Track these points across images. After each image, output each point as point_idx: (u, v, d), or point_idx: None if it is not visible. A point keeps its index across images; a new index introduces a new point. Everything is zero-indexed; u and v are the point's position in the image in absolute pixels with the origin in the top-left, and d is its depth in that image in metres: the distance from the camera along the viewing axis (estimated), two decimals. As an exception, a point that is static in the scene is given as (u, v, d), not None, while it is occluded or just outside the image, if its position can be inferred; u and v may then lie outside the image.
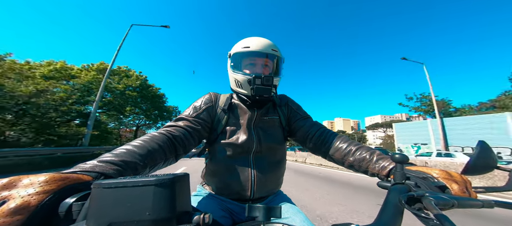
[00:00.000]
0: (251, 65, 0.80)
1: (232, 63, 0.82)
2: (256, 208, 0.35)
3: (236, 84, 0.81)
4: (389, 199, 0.38)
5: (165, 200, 0.26)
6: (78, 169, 0.40)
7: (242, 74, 0.77)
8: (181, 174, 0.30)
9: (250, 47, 0.78)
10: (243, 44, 0.80)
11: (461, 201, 0.33)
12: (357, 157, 0.69)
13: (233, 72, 0.81)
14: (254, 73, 0.75)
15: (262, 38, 0.80)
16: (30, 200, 0.28)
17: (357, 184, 5.52)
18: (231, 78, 0.83)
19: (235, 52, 0.81)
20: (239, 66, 0.81)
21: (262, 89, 0.72)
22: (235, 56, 0.82)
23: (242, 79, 0.78)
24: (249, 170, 0.76)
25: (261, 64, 0.80)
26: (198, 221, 0.27)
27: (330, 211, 3.16)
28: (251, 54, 0.79)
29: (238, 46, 0.82)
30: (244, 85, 0.78)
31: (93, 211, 0.25)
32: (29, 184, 0.29)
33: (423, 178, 0.47)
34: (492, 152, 0.47)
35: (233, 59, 0.82)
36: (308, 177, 7.01)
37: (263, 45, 0.79)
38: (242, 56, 0.81)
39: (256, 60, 0.80)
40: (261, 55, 0.80)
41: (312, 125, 0.86)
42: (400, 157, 0.44)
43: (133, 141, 0.56)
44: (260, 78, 0.72)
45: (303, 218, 0.69)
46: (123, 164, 0.46)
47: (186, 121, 0.73)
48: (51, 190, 0.30)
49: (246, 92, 0.78)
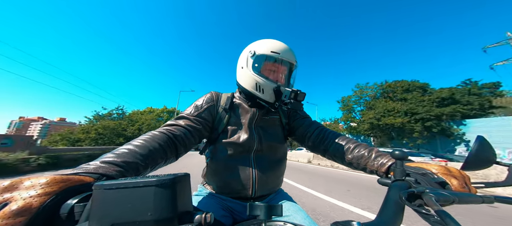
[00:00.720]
0: (273, 71, 0.79)
1: (255, 65, 0.79)
2: (257, 207, 0.35)
3: (256, 88, 0.77)
4: (389, 196, 0.38)
5: (166, 200, 0.26)
6: (81, 170, 0.40)
7: (266, 80, 0.75)
8: (182, 174, 0.30)
9: (280, 54, 0.76)
10: (272, 47, 0.77)
11: (461, 197, 0.33)
12: (356, 154, 0.70)
13: (254, 74, 0.77)
14: (276, 82, 0.75)
15: (287, 46, 0.80)
16: (32, 202, 0.28)
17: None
18: (249, 78, 0.78)
19: (261, 53, 0.77)
20: (260, 68, 0.79)
21: (297, 105, 0.72)
22: (260, 58, 0.78)
23: (266, 85, 0.75)
24: (250, 168, 0.76)
25: (282, 72, 0.80)
26: (200, 221, 0.27)
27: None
28: (279, 61, 0.78)
29: (264, 47, 0.78)
30: (266, 91, 0.76)
31: (95, 212, 0.25)
32: (31, 186, 0.29)
33: (422, 174, 0.47)
34: (491, 147, 0.47)
35: (257, 60, 0.79)
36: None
37: (291, 55, 0.79)
38: (268, 60, 0.78)
39: (279, 68, 0.79)
40: (286, 64, 0.80)
41: (311, 123, 0.86)
42: (400, 154, 0.45)
43: (133, 141, 0.55)
44: (296, 94, 0.71)
45: (304, 215, 0.70)
46: (125, 164, 0.46)
47: (187, 119, 0.72)
48: (52, 191, 0.30)
49: (266, 98, 0.77)
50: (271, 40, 0.81)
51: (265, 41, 0.81)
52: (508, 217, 2.97)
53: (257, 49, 0.79)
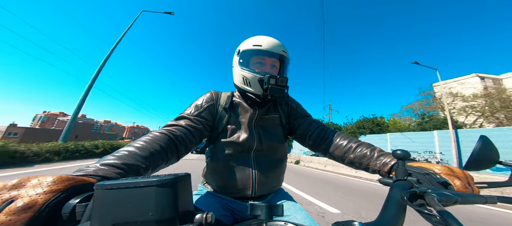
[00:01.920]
0: (260, 64, 0.79)
1: (241, 60, 0.81)
2: (258, 207, 0.35)
3: (244, 82, 0.79)
4: (391, 196, 0.38)
5: (167, 200, 0.26)
6: (82, 173, 0.40)
7: (251, 73, 0.76)
8: (183, 174, 0.30)
9: (262, 45, 0.77)
10: (254, 42, 0.79)
11: (464, 197, 0.33)
12: (358, 154, 0.69)
13: (241, 69, 0.79)
14: (264, 73, 0.75)
15: (272, 38, 0.80)
16: (37, 199, 0.28)
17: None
18: (238, 75, 0.81)
19: (245, 49, 0.80)
20: (248, 64, 0.80)
21: (276, 89, 0.72)
22: (245, 53, 0.81)
23: (251, 77, 0.76)
24: (249, 168, 0.76)
25: (270, 64, 0.80)
26: (201, 221, 0.27)
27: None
28: (262, 53, 0.78)
29: (248, 43, 0.81)
30: (253, 83, 0.77)
31: (97, 212, 0.25)
32: (38, 183, 0.30)
33: (425, 174, 0.47)
34: (494, 147, 0.46)
35: (242, 56, 0.81)
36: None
37: (274, 45, 0.78)
38: (252, 54, 0.80)
39: (265, 59, 0.79)
40: (272, 55, 0.79)
41: (312, 122, 0.86)
42: (402, 153, 0.44)
43: (134, 142, 0.55)
44: (275, 79, 0.71)
45: (305, 215, 0.70)
46: (125, 166, 0.46)
47: (187, 119, 0.72)
48: (57, 189, 0.30)
49: (254, 91, 0.78)
50: (255, 36, 0.82)
51: (250, 38, 0.83)
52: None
53: (241, 46, 0.83)
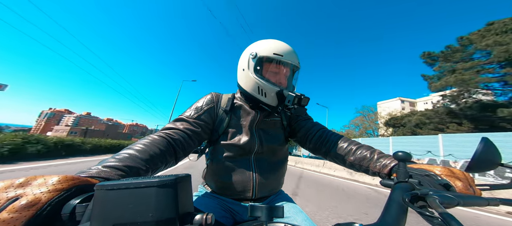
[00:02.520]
0: (275, 73, 0.77)
1: (257, 67, 0.77)
2: (258, 208, 0.34)
3: (259, 91, 0.76)
4: (392, 198, 0.38)
5: (167, 201, 0.26)
6: (84, 175, 0.40)
7: (269, 84, 0.74)
8: (183, 174, 0.30)
9: (283, 56, 0.74)
10: (275, 49, 0.75)
11: (466, 199, 0.33)
12: (358, 156, 0.69)
13: (256, 77, 0.75)
14: (280, 87, 0.74)
15: (289, 47, 0.78)
16: (40, 197, 0.29)
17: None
18: (251, 81, 0.76)
19: (264, 55, 0.75)
20: (263, 71, 0.77)
21: (300, 110, 0.71)
22: (263, 60, 0.76)
23: (269, 89, 0.74)
24: (250, 171, 0.75)
25: (284, 74, 0.78)
26: (201, 222, 0.27)
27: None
28: (281, 63, 0.76)
29: (267, 49, 0.76)
30: (269, 94, 0.74)
31: (97, 212, 0.25)
32: (43, 183, 0.30)
33: (426, 175, 0.47)
34: (495, 149, 0.46)
35: (259, 63, 0.76)
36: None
37: (295, 57, 0.77)
38: (269, 62, 0.76)
39: (281, 69, 0.77)
40: (289, 66, 0.78)
41: (313, 125, 0.86)
42: (403, 155, 0.44)
43: (133, 145, 0.56)
44: (300, 99, 0.70)
45: (305, 217, 0.69)
46: (127, 169, 0.47)
47: (186, 122, 0.72)
48: (61, 188, 0.31)
49: (268, 102, 0.75)
50: (273, 41, 0.78)
51: (267, 41, 0.78)
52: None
53: (259, 50, 0.76)
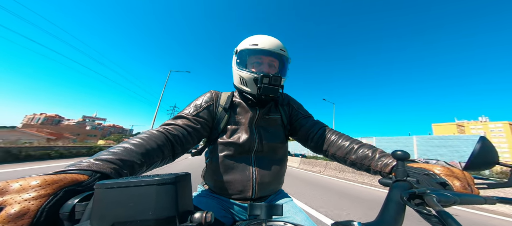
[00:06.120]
0: (258, 63, 0.79)
1: (238, 60, 0.81)
2: (257, 206, 0.35)
3: (241, 82, 0.79)
4: (391, 196, 0.38)
5: (167, 200, 0.26)
6: (75, 168, 0.39)
7: (248, 72, 0.76)
8: (183, 173, 0.30)
9: (258, 45, 0.77)
10: (251, 41, 0.79)
11: (463, 198, 0.33)
12: (359, 154, 0.69)
13: (238, 69, 0.79)
14: (261, 72, 0.74)
15: (270, 37, 0.79)
16: (29, 206, 0.27)
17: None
18: (236, 75, 0.81)
19: (242, 49, 0.80)
20: (245, 64, 0.79)
21: (270, 88, 0.71)
22: (242, 53, 0.80)
23: (247, 77, 0.76)
24: (250, 169, 0.75)
25: (267, 63, 0.79)
26: (200, 220, 0.28)
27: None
28: (259, 52, 0.78)
29: (245, 43, 0.80)
30: (249, 83, 0.77)
31: (97, 211, 0.26)
32: (21, 189, 0.29)
33: (424, 174, 0.47)
34: (493, 148, 0.46)
35: (239, 56, 0.81)
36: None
37: (272, 44, 0.78)
38: (249, 54, 0.79)
39: (263, 58, 0.79)
40: (269, 54, 0.79)
41: (314, 123, 0.86)
42: (401, 154, 0.44)
43: (131, 139, 0.55)
44: (268, 78, 0.71)
45: (304, 217, 0.70)
46: (120, 162, 0.46)
47: (185, 119, 0.72)
48: (47, 194, 0.30)
49: (251, 91, 0.77)
50: (254, 35, 0.81)
51: (248, 37, 0.82)
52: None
53: (239, 46, 0.82)
